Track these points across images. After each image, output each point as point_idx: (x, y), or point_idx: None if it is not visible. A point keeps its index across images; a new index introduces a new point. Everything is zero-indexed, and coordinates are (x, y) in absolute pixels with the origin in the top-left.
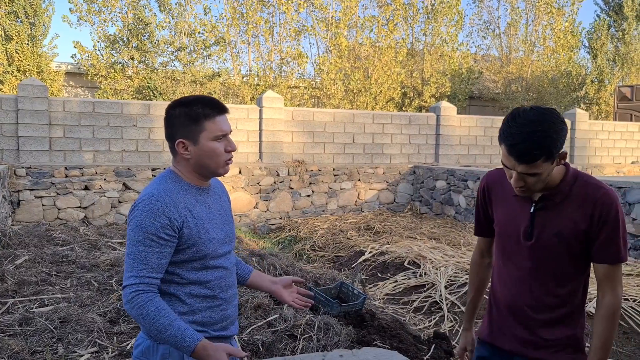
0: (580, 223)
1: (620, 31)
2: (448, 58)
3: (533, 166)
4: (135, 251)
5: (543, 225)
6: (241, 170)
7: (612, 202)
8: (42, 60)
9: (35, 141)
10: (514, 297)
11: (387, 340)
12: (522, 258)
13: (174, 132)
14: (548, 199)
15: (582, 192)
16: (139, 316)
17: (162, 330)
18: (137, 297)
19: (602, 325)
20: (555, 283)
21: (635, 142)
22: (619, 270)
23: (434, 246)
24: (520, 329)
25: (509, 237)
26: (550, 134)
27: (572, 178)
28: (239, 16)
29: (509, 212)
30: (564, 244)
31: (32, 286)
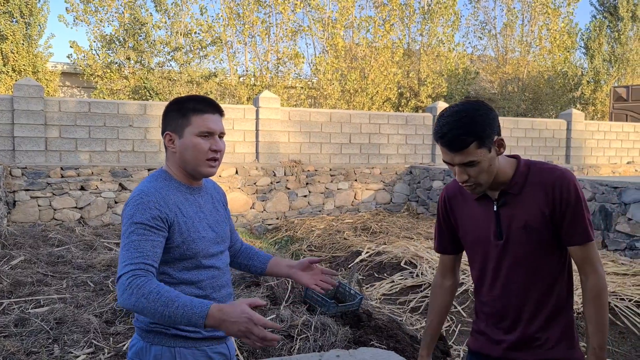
0: (544, 209)
1: (616, 32)
2: (444, 58)
3: (467, 153)
4: (128, 242)
5: (509, 221)
6: (238, 171)
7: (569, 181)
8: (38, 60)
9: (31, 141)
10: (498, 301)
11: (384, 341)
12: (498, 260)
13: (164, 127)
14: (507, 193)
15: (538, 178)
16: (140, 298)
17: (169, 304)
18: (134, 280)
19: (592, 309)
20: (537, 278)
21: (631, 142)
22: (593, 249)
23: (431, 246)
24: (509, 334)
25: (480, 242)
26: (475, 118)
27: (525, 167)
28: (235, 16)
29: (473, 217)
30: (534, 234)
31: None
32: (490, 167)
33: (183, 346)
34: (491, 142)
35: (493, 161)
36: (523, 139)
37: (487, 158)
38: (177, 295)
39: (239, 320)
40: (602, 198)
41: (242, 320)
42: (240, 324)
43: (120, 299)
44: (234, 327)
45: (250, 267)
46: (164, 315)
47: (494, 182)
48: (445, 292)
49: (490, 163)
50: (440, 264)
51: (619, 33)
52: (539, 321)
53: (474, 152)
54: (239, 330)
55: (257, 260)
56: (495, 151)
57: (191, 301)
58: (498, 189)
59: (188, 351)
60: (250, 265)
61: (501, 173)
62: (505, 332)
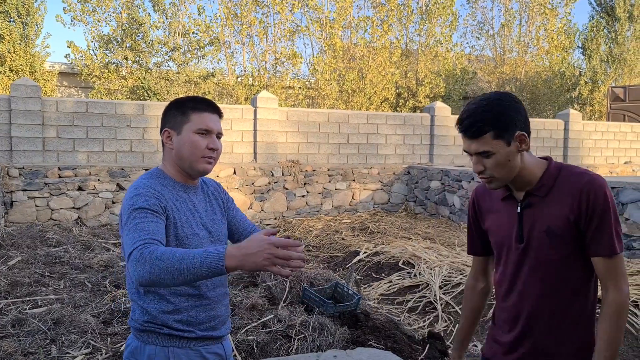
0: (569, 214)
1: (613, 32)
2: (442, 58)
3: (482, 142)
4: (132, 226)
5: (531, 224)
6: (235, 171)
7: (599, 187)
8: (35, 60)
9: (29, 141)
10: (514, 308)
11: (382, 341)
12: (517, 264)
13: (163, 124)
14: (532, 195)
15: (567, 182)
16: (155, 261)
17: (185, 258)
18: (145, 249)
19: (605, 325)
20: (556, 287)
21: (628, 142)
22: (619, 263)
23: (429, 246)
24: (521, 344)
25: (502, 244)
26: (495, 108)
27: (556, 170)
28: (233, 16)
29: (498, 218)
30: (556, 240)
31: (25, 287)
32: (508, 162)
33: (177, 346)
34: (511, 136)
35: (512, 156)
36: None
37: (504, 151)
38: (190, 250)
39: (260, 248)
40: None
41: (263, 247)
42: (263, 252)
43: (136, 273)
44: (257, 258)
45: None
46: (182, 271)
47: (518, 181)
48: (478, 295)
49: (509, 158)
50: (473, 266)
51: (616, 33)
52: (553, 333)
53: (489, 142)
54: (264, 259)
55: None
56: (516, 146)
57: (206, 249)
58: (524, 190)
59: (182, 351)
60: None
61: (527, 172)
62: (518, 341)
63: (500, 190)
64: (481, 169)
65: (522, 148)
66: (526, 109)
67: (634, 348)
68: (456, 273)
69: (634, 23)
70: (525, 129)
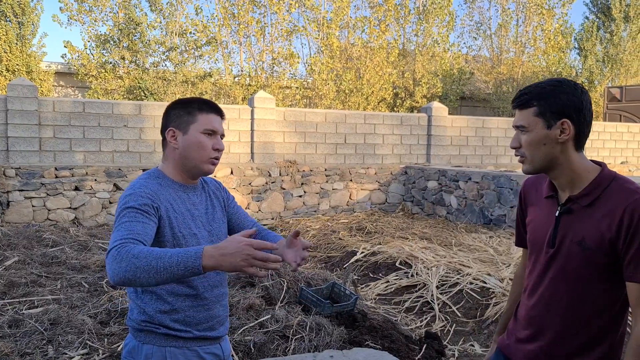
0: (607, 232)
1: (609, 32)
2: (439, 59)
3: (523, 114)
4: (119, 224)
5: (566, 231)
6: (233, 171)
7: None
8: (32, 60)
9: (25, 141)
10: (530, 310)
11: (379, 341)
12: (544, 267)
13: (167, 123)
14: (574, 201)
15: (615, 196)
16: (131, 259)
17: (161, 257)
18: (123, 248)
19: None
20: (577, 300)
21: (625, 142)
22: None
23: (426, 246)
24: (533, 345)
25: (535, 244)
26: (549, 89)
27: (607, 180)
28: (230, 16)
29: (538, 216)
30: (587, 253)
31: (22, 288)
32: (543, 145)
33: (174, 346)
34: (554, 119)
35: (549, 141)
36: None
37: (541, 132)
38: (168, 249)
39: (237, 249)
40: None
41: (241, 248)
42: (241, 252)
43: (111, 271)
44: (235, 258)
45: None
46: (159, 269)
47: (560, 180)
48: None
49: (545, 142)
50: (522, 258)
51: (612, 34)
52: (567, 345)
53: (529, 117)
54: (241, 260)
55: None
56: (557, 133)
57: (184, 249)
58: (567, 192)
59: (179, 351)
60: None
61: (573, 173)
62: (530, 341)
63: (546, 187)
64: (516, 145)
65: (562, 138)
66: (590, 105)
67: None
68: (453, 273)
69: (629, 23)
70: (575, 120)
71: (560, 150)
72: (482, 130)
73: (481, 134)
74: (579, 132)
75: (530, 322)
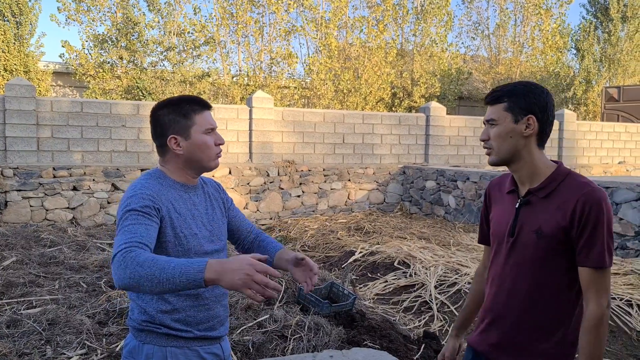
0: (561, 221)
1: (607, 32)
2: (437, 59)
3: (494, 109)
4: (122, 227)
5: (525, 221)
6: (231, 171)
7: (597, 200)
8: (29, 60)
9: (23, 141)
10: (493, 298)
11: (377, 340)
12: (505, 257)
13: (164, 130)
14: (533, 194)
15: (568, 189)
16: (135, 268)
17: (165, 268)
18: (128, 254)
19: (585, 338)
20: (536, 286)
21: (622, 142)
22: (603, 277)
23: (424, 246)
24: (495, 333)
25: (497, 236)
26: (520, 88)
27: (562, 175)
28: (228, 16)
29: (501, 210)
30: (543, 241)
31: (20, 288)
32: (509, 138)
33: (175, 346)
34: (521, 115)
35: (515, 135)
36: None
37: (508, 125)
38: (172, 258)
39: (240, 267)
40: None
41: (243, 267)
42: (241, 271)
43: (116, 276)
44: (234, 275)
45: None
46: (161, 280)
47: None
48: (483, 282)
49: (511, 135)
50: (483, 255)
51: (609, 34)
52: (527, 329)
53: (499, 111)
54: (240, 279)
55: (268, 253)
56: (522, 127)
57: (188, 260)
58: (527, 186)
59: (179, 351)
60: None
61: (533, 168)
62: (492, 329)
63: (508, 183)
64: (485, 137)
65: (527, 132)
66: (554, 106)
67: (628, 347)
68: (451, 273)
69: (627, 24)
70: (540, 118)
71: (524, 144)
72: (480, 130)
73: (479, 134)
74: (542, 130)
75: (491, 310)
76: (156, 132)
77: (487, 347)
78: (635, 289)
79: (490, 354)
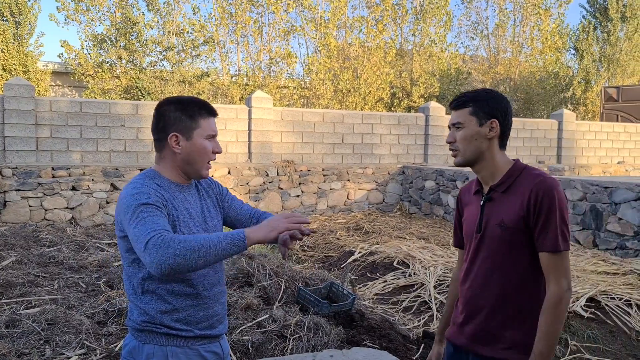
0: (520, 211)
1: (606, 32)
2: (437, 58)
3: (460, 113)
4: (141, 219)
5: (489, 216)
6: (230, 171)
7: (548, 188)
8: (29, 60)
9: (22, 141)
10: (466, 292)
11: (377, 340)
12: (475, 252)
13: (166, 125)
14: (494, 190)
15: (524, 181)
16: (178, 245)
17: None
18: (165, 235)
19: (543, 317)
20: (505, 276)
21: (621, 142)
22: (561, 260)
23: (423, 246)
24: (471, 325)
25: (468, 234)
26: (482, 94)
27: (518, 170)
28: (227, 16)
29: (470, 211)
30: (507, 233)
31: (19, 288)
32: (474, 140)
33: (175, 345)
34: (485, 119)
35: (479, 137)
36: (515, 139)
37: (474, 128)
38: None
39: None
40: (593, 198)
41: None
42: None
43: (158, 258)
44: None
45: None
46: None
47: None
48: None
49: (476, 137)
50: (458, 259)
51: (608, 34)
52: (499, 318)
53: (465, 115)
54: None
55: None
56: (486, 131)
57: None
58: (488, 182)
59: (180, 350)
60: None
61: (494, 167)
62: (468, 322)
63: (474, 184)
64: (451, 140)
65: (490, 134)
66: (512, 112)
67: (627, 347)
68: (451, 273)
69: (626, 24)
70: (501, 121)
71: (487, 146)
72: None
73: None
74: (503, 133)
75: (467, 305)
76: (158, 126)
77: (465, 340)
78: (634, 288)
79: (467, 346)
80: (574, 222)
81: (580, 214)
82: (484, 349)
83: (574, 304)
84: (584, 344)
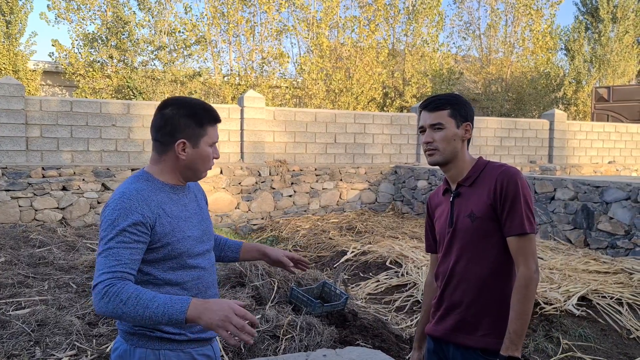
0: (487, 200)
1: (597, 33)
2: (429, 58)
3: (438, 115)
4: (106, 249)
5: (459, 209)
6: (222, 171)
7: (511, 176)
8: (19, 59)
9: (12, 141)
10: (443, 288)
11: (370, 340)
12: (448, 246)
13: (175, 131)
14: (461, 185)
15: (489, 173)
16: (119, 304)
17: (149, 305)
18: (111, 288)
19: (515, 297)
20: (478, 265)
21: (612, 142)
22: (528, 242)
23: (416, 246)
24: (450, 317)
25: (441, 231)
26: (457, 97)
27: (482, 165)
28: (219, 15)
29: (441, 211)
30: (477, 223)
31: (9, 288)
32: (452, 140)
33: (168, 349)
34: (461, 121)
35: (456, 137)
36: (506, 139)
37: (453, 130)
38: (155, 295)
39: (220, 309)
40: (584, 197)
41: (223, 308)
42: (221, 312)
43: (98, 307)
44: (213, 315)
45: (223, 258)
46: (144, 317)
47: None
48: (435, 291)
49: (454, 137)
50: (430, 264)
51: (599, 34)
52: (477, 307)
53: (444, 117)
54: (219, 319)
55: (229, 251)
56: (462, 132)
57: (170, 298)
58: (456, 180)
59: (173, 354)
60: (224, 257)
61: (462, 165)
62: (448, 314)
63: (441, 187)
64: (429, 140)
65: (465, 136)
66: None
67: (619, 345)
68: None
69: (617, 24)
70: (472, 125)
71: (460, 147)
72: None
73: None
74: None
75: (444, 298)
76: (164, 130)
77: (444, 332)
78: (625, 287)
79: (447, 338)
80: (566, 221)
81: (572, 214)
82: (464, 338)
83: (566, 302)
84: (576, 343)
